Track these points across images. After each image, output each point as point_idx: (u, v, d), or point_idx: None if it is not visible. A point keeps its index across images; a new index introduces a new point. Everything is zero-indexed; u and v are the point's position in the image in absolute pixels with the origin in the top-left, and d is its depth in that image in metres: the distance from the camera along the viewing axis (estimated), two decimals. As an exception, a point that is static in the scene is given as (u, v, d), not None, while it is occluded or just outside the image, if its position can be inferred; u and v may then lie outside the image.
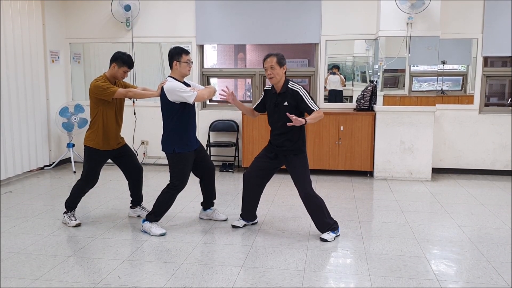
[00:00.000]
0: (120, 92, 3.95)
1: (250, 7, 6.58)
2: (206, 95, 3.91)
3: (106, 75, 4.06)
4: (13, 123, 5.93)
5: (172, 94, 3.75)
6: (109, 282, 3.01)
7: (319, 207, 3.80)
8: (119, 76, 4.07)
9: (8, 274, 3.12)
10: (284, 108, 3.71)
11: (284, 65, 3.73)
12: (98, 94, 3.94)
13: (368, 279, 3.06)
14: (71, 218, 4.18)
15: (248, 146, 6.40)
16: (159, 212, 3.97)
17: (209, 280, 3.04)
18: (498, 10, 6.06)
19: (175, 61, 3.85)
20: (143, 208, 4.45)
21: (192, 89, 3.82)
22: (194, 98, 3.76)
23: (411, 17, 5.76)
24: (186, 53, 3.87)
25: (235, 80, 12.06)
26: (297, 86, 3.72)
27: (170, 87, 3.76)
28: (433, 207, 4.86)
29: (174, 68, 3.87)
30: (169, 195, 3.94)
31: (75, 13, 6.97)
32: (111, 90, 3.92)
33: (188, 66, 3.88)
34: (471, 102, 6.35)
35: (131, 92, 4.05)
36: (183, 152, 3.88)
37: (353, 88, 7.07)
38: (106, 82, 3.98)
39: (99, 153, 4.09)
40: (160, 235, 3.89)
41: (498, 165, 6.35)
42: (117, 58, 4.02)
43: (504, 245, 3.70)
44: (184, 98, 3.74)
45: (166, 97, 3.78)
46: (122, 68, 4.02)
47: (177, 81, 3.83)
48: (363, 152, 6.18)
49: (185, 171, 3.94)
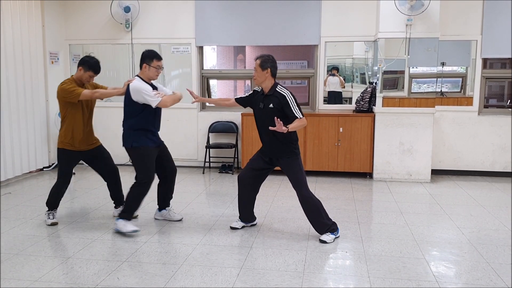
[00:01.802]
0: (85, 94, 3.99)
1: (250, 9, 6.59)
2: (170, 102, 3.93)
3: (73, 77, 4.12)
4: (13, 124, 5.93)
5: (137, 94, 3.79)
6: (108, 284, 3.00)
7: (315, 209, 3.80)
8: (85, 80, 4.12)
9: (7, 275, 3.12)
10: (269, 110, 3.73)
11: (267, 68, 3.73)
12: (65, 97, 4.00)
13: (367, 281, 3.06)
14: (49, 217, 4.24)
15: (247, 147, 6.40)
16: (130, 210, 4.01)
17: (208, 282, 3.03)
18: (497, 12, 6.07)
19: (145, 63, 3.90)
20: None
21: (158, 93, 3.86)
22: (157, 103, 3.81)
23: (410, 19, 5.77)
24: (158, 58, 3.93)
25: (235, 82, 12.07)
26: (285, 91, 3.74)
27: (136, 87, 3.80)
28: (433, 209, 4.86)
29: (143, 70, 3.93)
30: (138, 192, 3.97)
31: (75, 14, 6.97)
32: (76, 92, 3.96)
33: (157, 72, 3.93)
34: (470, 103, 6.36)
35: (98, 93, 4.09)
36: (142, 146, 3.91)
37: (353, 89, 7.07)
38: (72, 84, 4.03)
39: (68, 153, 4.15)
40: (133, 231, 3.93)
41: (498, 167, 6.35)
42: (84, 63, 4.07)
43: (504, 247, 3.70)
44: (147, 101, 3.80)
45: (130, 96, 3.82)
46: (88, 72, 4.07)
47: (144, 83, 3.87)
48: (363, 154, 6.18)
49: (148, 166, 3.96)
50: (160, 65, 3.94)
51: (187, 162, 7.02)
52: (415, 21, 5.80)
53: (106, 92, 4.16)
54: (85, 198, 5.11)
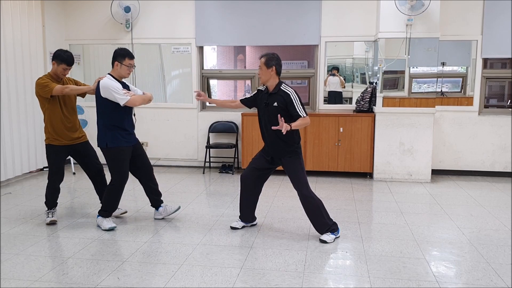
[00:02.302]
0: (57, 88, 4.04)
1: (250, 9, 6.59)
2: (139, 102, 3.97)
3: (50, 73, 4.17)
4: (13, 124, 5.93)
5: (106, 91, 3.85)
6: (109, 284, 3.00)
7: (316, 208, 3.80)
8: (59, 73, 4.14)
9: (8, 275, 3.12)
10: (273, 109, 3.73)
11: (272, 66, 3.74)
12: (39, 91, 4.08)
13: (367, 281, 3.06)
14: (48, 215, 4.27)
15: (247, 147, 6.40)
16: (108, 208, 4.13)
17: (209, 282, 3.03)
18: (497, 12, 6.07)
19: (117, 61, 3.96)
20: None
21: (127, 92, 3.89)
22: (126, 102, 3.86)
23: (410, 19, 5.77)
24: (130, 57, 3.98)
25: (235, 82, 12.05)
26: (289, 89, 3.74)
27: (105, 84, 3.86)
28: (433, 209, 4.86)
29: (114, 68, 3.99)
30: (114, 191, 4.08)
31: (75, 14, 6.97)
32: (49, 87, 4.02)
33: (128, 70, 3.99)
34: (471, 103, 6.36)
35: (68, 88, 4.12)
36: (117, 146, 3.96)
37: (353, 89, 7.07)
38: (46, 80, 4.09)
39: (54, 148, 4.20)
40: (109, 229, 4.04)
41: (498, 167, 6.35)
42: (57, 56, 4.11)
43: (504, 247, 3.70)
44: (116, 99, 3.85)
45: (100, 93, 3.88)
46: (61, 65, 4.10)
47: (114, 80, 3.92)
48: (363, 154, 6.18)
49: (122, 165, 4.03)
50: (132, 63, 4.00)
51: (187, 162, 7.02)
52: (415, 21, 5.80)
53: (76, 88, 4.19)
54: (85, 198, 5.11)
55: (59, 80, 4.16)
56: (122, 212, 4.48)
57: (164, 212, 4.38)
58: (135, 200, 5.09)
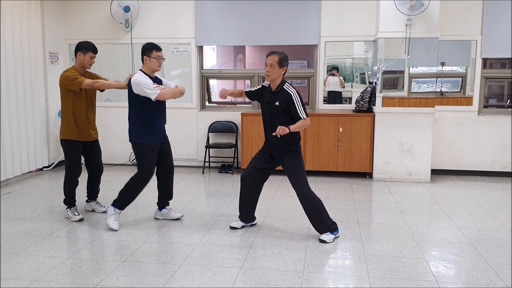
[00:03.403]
0: (87, 82, 4.06)
1: (250, 8, 6.58)
2: (169, 95, 3.97)
3: (75, 66, 4.17)
4: (12, 124, 5.92)
5: (137, 87, 3.87)
6: (108, 284, 3.00)
7: (316, 208, 3.80)
8: (86, 63, 4.17)
9: (7, 275, 3.12)
10: (275, 107, 3.73)
11: (284, 66, 3.73)
12: (67, 84, 4.06)
13: (367, 281, 3.06)
14: (74, 213, 4.29)
15: (247, 147, 6.40)
16: (124, 201, 4.12)
17: (208, 282, 3.03)
18: (497, 12, 6.07)
19: (145, 56, 3.98)
20: (98, 203, 4.62)
21: (157, 87, 3.91)
22: (156, 96, 3.87)
23: (410, 19, 5.77)
24: (157, 49, 3.99)
25: (234, 81, 12.06)
26: (291, 89, 3.72)
27: (136, 80, 3.88)
28: (432, 209, 4.86)
29: (144, 63, 4.01)
30: (135, 184, 4.06)
31: (75, 14, 6.97)
32: (79, 80, 4.03)
33: (157, 62, 3.99)
34: (470, 103, 6.36)
35: (98, 83, 4.15)
36: (146, 142, 3.98)
37: (352, 89, 7.07)
38: (75, 72, 4.10)
39: (73, 143, 4.21)
40: (111, 229, 4.02)
41: (497, 167, 6.35)
42: (80, 47, 4.16)
43: (503, 247, 3.70)
44: (147, 94, 3.86)
45: (132, 89, 3.90)
46: (88, 53, 4.14)
47: (145, 76, 3.94)
48: (362, 154, 6.18)
49: (150, 162, 4.04)
50: (160, 55, 4.00)
51: (187, 162, 7.01)
52: (415, 21, 5.80)
53: (106, 83, 4.23)
54: (84, 198, 5.10)
55: (83, 74, 4.17)
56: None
57: (166, 215, 4.37)
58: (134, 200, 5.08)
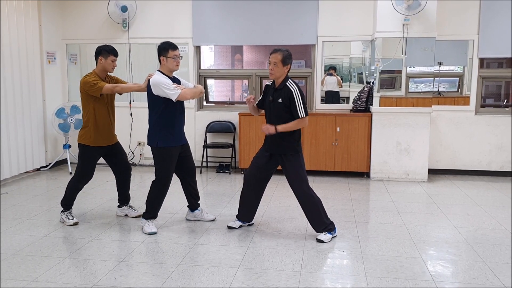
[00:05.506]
0: (107, 87, 3.99)
1: (247, 8, 6.59)
2: (190, 95, 3.90)
3: (95, 71, 4.11)
4: (9, 124, 5.91)
5: (156, 88, 3.79)
6: (105, 284, 3.00)
7: (315, 206, 3.80)
8: (109, 67, 4.10)
9: (4, 276, 3.11)
10: (278, 104, 3.73)
11: (288, 64, 3.74)
12: (88, 90, 4.00)
13: (364, 280, 3.07)
14: (69, 217, 4.21)
15: (245, 147, 6.40)
16: (152, 208, 4.03)
17: (206, 281, 3.03)
18: (494, 12, 6.08)
19: (162, 56, 3.90)
20: (130, 207, 4.51)
21: (177, 87, 3.83)
22: (177, 97, 3.78)
23: (407, 19, 5.78)
24: (173, 48, 3.89)
25: (232, 81, 12.06)
26: (293, 86, 3.72)
27: (155, 81, 3.79)
28: (430, 208, 4.87)
29: (162, 63, 3.92)
30: (157, 190, 3.98)
31: (72, 14, 6.96)
32: (99, 85, 3.97)
33: (175, 61, 3.89)
34: (467, 103, 6.38)
35: (118, 87, 4.08)
36: (167, 147, 3.91)
37: (350, 89, 7.09)
38: (95, 77, 4.03)
39: (93, 149, 4.13)
40: (150, 233, 3.94)
41: (494, 166, 6.37)
42: (101, 51, 4.08)
43: (500, 246, 3.71)
44: (167, 95, 3.78)
45: (152, 91, 3.82)
46: (109, 57, 4.07)
47: (164, 76, 3.85)
48: (360, 153, 6.18)
49: (169, 166, 3.96)
50: (177, 54, 3.91)
51: (185, 162, 7.00)
52: (412, 21, 5.81)
53: (126, 86, 4.15)
54: (82, 198, 5.09)
55: (104, 78, 4.11)
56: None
57: (199, 216, 4.33)
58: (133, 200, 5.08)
